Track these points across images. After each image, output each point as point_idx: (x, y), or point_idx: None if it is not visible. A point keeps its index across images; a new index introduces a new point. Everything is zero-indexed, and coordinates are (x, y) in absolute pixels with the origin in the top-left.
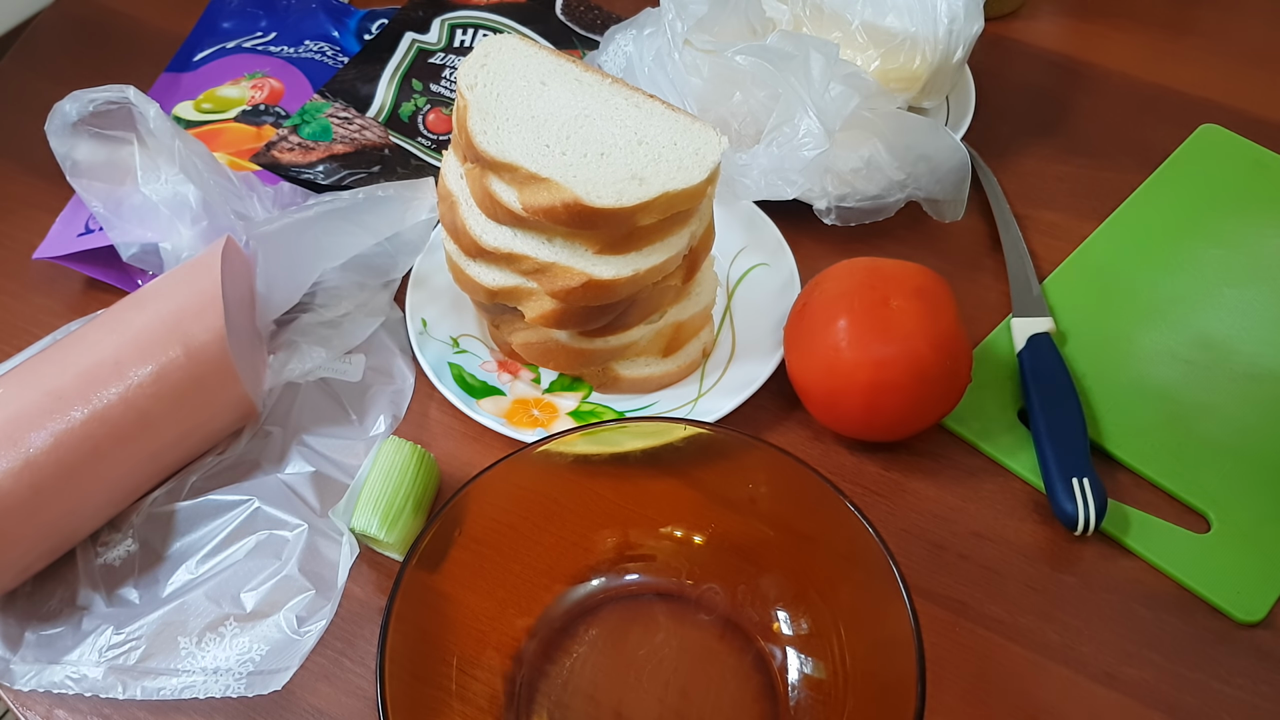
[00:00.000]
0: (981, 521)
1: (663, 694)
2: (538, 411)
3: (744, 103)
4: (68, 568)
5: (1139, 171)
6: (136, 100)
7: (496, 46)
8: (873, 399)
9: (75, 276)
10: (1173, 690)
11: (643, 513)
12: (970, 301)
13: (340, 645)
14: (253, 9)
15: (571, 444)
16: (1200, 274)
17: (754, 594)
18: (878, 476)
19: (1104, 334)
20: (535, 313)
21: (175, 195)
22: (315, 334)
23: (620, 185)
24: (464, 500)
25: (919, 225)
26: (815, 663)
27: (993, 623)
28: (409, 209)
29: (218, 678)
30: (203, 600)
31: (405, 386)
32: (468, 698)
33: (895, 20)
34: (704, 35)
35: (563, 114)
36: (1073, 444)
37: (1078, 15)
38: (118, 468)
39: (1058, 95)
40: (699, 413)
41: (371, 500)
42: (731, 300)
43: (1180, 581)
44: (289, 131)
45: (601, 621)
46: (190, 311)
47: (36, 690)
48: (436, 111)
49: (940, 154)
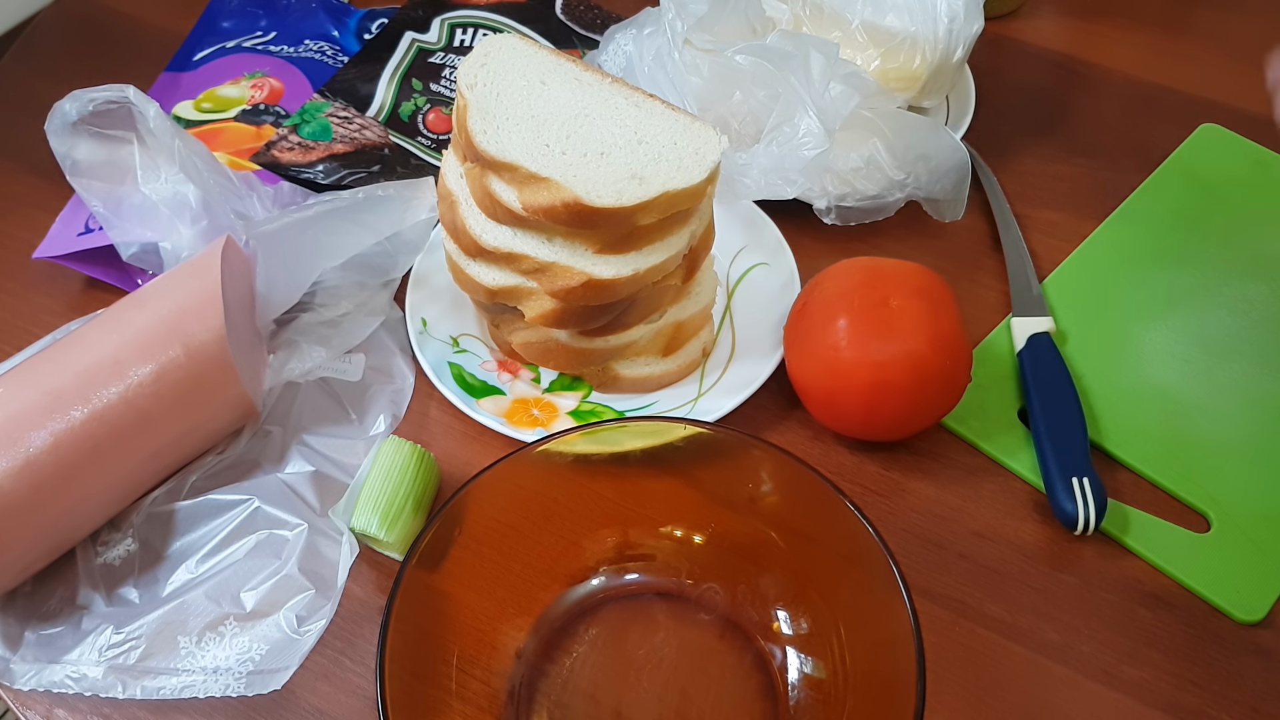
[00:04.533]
0: (981, 521)
1: (663, 693)
2: (538, 411)
3: (744, 102)
4: (68, 567)
5: (1139, 171)
6: (136, 100)
7: (496, 46)
8: (873, 399)
9: (75, 276)
10: (1173, 690)
11: (643, 512)
12: (970, 301)
13: (340, 645)
14: (253, 8)
15: (571, 443)
16: (1200, 273)
17: (754, 594)
18: (878, 476)
19: (1104, 334)
20: (535, 312)
21: (175, 195)
22: (315, 333)
23: (620, 185)
24: (464, 500)
25: (919, 225)
26: (815, 662)
27: (993, 622)
28: (409, 208)
29: (217, 677)
30: (202, 600)
31: (405, 386)
32: (468, 697)
33: (895, 20)
34: (704, 35)
35: (563, 113)
36: (1073, 444)
37: (1078, 15)
38: (118, 467)
39: (1058, 95)
40: (699, 412)
41: (371, 500)
42: (731, 300)
43: (1180, 581)
44: (289, 131)
45: (601, 621)
46: (190, 311)
47: (36, 690)
48: (436, 111)
49: (940, 153)
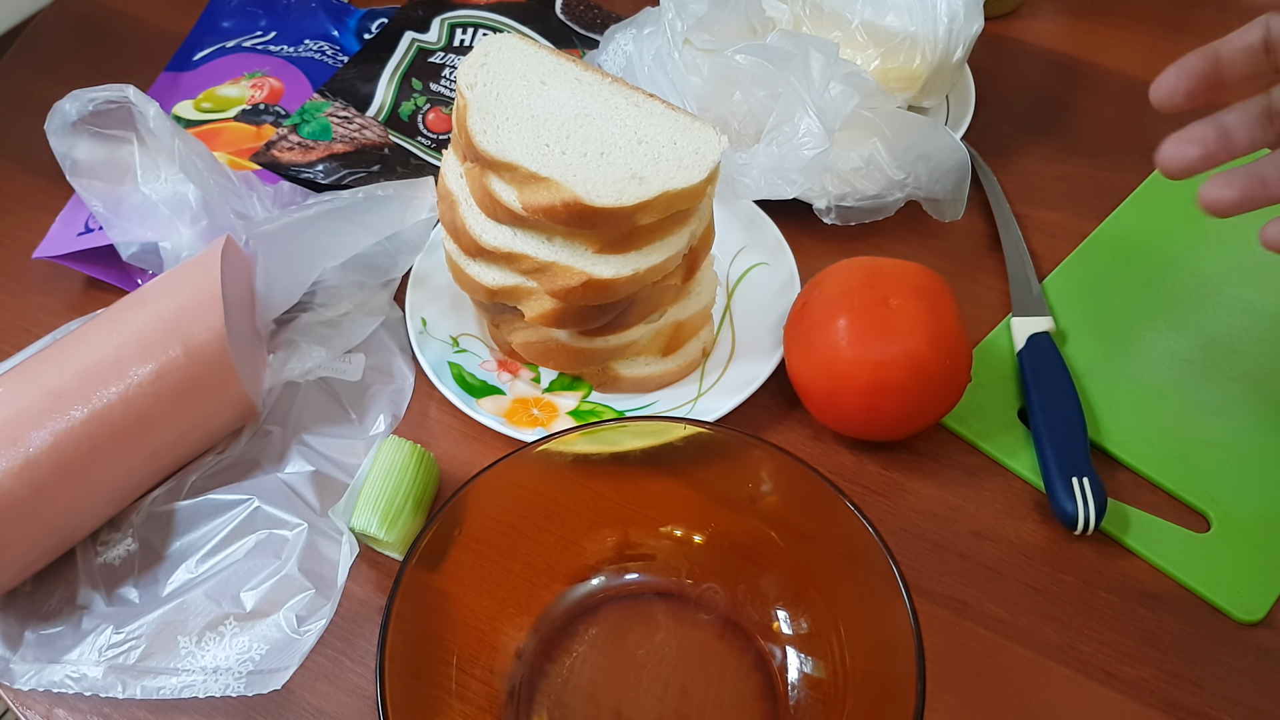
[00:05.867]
0: (981, 521)
1: (663, 693)
2: (537, 411)
3: (744, 102)
4: (68, 567)
5: (1139, 171)
6: (136, 99)
7: (496, 46)
8: (873, 398)
9: (75, 276)
10: (1172, 690)
11: (643, 512)
12: (970, 301)
13: (340, 644)
14: (252, 8)
15: (571, 443)
16: (1200, 273)
17: (754, 593)
18: (878, 476)
19: (1104, 334)
20: (535, 312)
21: (175, 194)
22: (315, 333)
23: (620, 184)
24: (464, 499)
25: (919, 225)
26: (815, 662)
27: (993, 622)
28: (409, 208)
29: (217, 677)
30: (202, 599)
31: (405, 386)
32: (468, 697)
33: (895, 19)
34: (704, 34)
35: (562, 113)
36: (1073, 443)
37: (1078, 15)
38: (117, 467)
39: (1058, 95)
40: (699, 412)
41: (371, 500)
42: (731, 299)
43: (1180, 581)
44: (289, 131)
45: (601, 621)
46: (190, 311)
47: (36, 689)
48: (436, 111)
49: (940, 153)
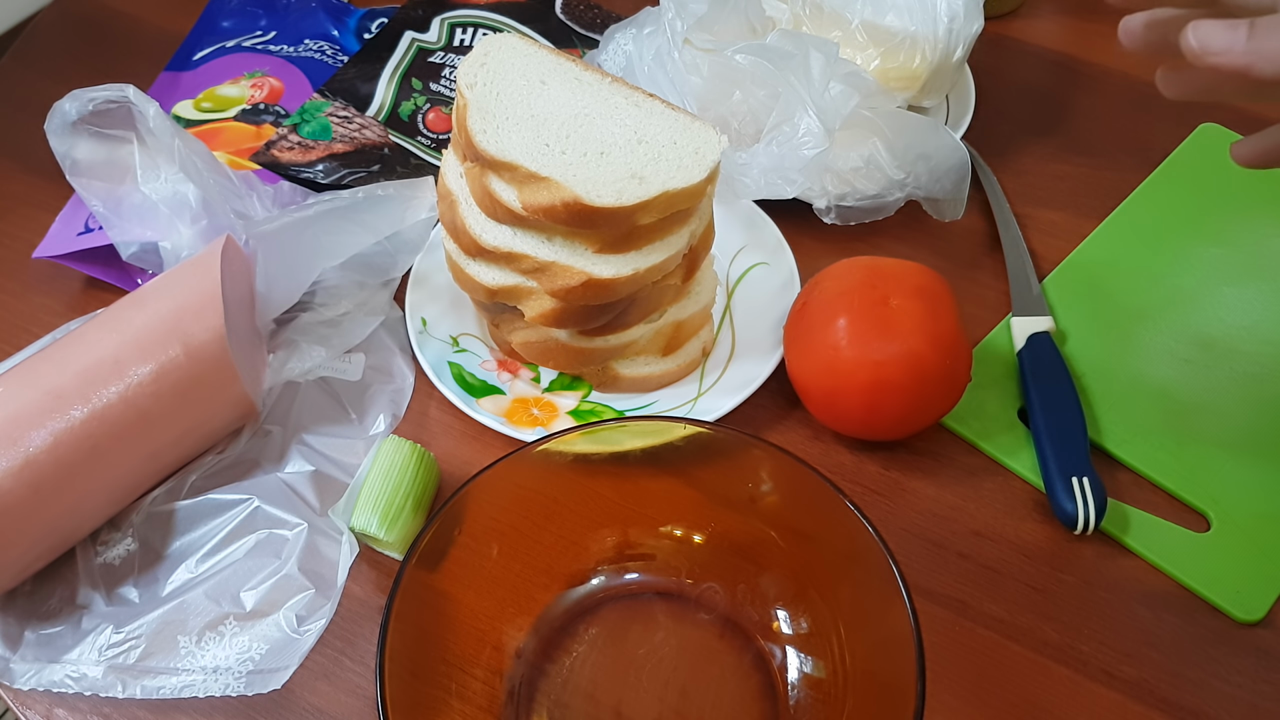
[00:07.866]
0: (981, 521)
1: (662, 693)
2: (537, 410)
3: (744, 102)
4: (68, 567)
5: (1139, 171)
6: (136, 99)
7: (496, 45)
8: (872, 398)
9: (75, 276)
10: (1172, 690)
11: (642, 512)
12: (970, 301)
13: (340, 644)
14: (252, 8)
15: (571, 443)
16: (1200, 273)
17: (754, 593)
18: (878, 476)
19: (1104, 333)
20: (535, 311)
21: (175, 194)
22: (315, 333)
23: (620, 184)
24: (464, 499)
25: (919, 224)
26: (815, 662)
27: (993, 622)
28: (409, 208)
29: (217, 676)
30: (202, 599)
31: (405, 385)
32: (468, 697)
33: (895, 19)
34: (704, 34)
35: (562, 113)
36: (1073, 443)
37: (1078, 14)
38: (117, 467)
39: (1058, 94)
40: (699, 412)
41: (371, 499)
42: (731, 299)
43: (1180, 581)
44: (289, 130)
45: (601, 621)
46: (190, 310)
47: (36, 689)
48: (436, 110)
49: (940, 153)
